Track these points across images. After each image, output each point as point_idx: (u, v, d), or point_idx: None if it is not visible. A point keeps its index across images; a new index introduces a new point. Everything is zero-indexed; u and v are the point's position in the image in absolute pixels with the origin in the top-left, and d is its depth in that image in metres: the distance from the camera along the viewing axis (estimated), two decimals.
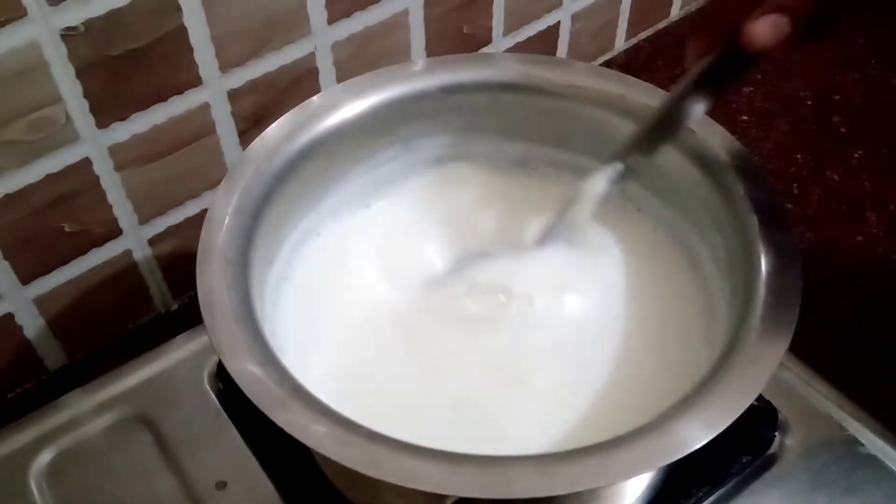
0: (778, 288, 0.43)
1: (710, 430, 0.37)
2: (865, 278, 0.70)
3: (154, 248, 0.66)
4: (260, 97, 0.64)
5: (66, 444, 0.57)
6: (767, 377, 0.39)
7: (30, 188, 0.56)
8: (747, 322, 0.41)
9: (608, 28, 0.89)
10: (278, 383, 0.39)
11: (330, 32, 0.65)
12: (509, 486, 0.36)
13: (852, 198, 0.76)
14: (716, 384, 0.39)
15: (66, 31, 0.52)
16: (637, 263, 0.54)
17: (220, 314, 0.42)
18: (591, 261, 0.54)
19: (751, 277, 0.43)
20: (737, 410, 0.38)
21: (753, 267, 0.43)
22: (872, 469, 0.54)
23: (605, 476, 0.36)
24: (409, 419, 0.44)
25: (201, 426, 0.57)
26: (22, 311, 0.62)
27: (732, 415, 0.38)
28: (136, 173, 0.61)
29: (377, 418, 0.39)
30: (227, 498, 0.54)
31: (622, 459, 0.37)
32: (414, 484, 0.36)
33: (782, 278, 0.43)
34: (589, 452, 0.37)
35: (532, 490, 0.36)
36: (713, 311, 0.49)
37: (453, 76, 0.56)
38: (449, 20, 0.73)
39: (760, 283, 0.43)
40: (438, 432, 0.40)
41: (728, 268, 0.47)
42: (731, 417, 0.38)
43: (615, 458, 0.37)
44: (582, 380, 0.48)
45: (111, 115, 0.57)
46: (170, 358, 0.61)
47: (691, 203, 0.52)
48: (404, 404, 0.47)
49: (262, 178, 0.49)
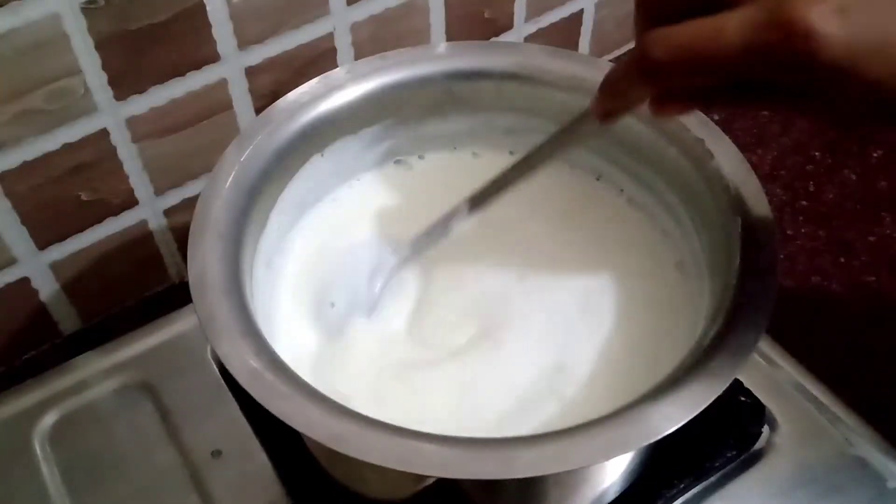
0: (755, 280, 0.43)
1: (671, 424, 0.38)
2: (874, 280, 0.70)
3: (169, 219, 0.67)
4: (277, 75, 0.65)
5: (70, 407, 0.59)
6: (731, 377, 0.39)
7: (48, 156, 0.58)
8: (721, 316, 0.42)
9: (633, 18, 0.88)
10: (256, 355, 0.40)
11: (349, 13, 0.66)
12: (467, 466, 0.37)
13: (868, 198, 0.76)
14: (685, 378, 0.40)
15: (86, 4, 0.53)
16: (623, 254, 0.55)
17: (210, 288, 0.43)
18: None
19: (729, 274, 0.44)
20: (701, 405, 0.38)
21: (731, 263, 0.44)
22: (858, 470, 0.54)
23: (563, 462, 0.37)
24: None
25: (201, 396, 0.59)
26: (38, 275, 0.63)
27: (696, 409, 0.38)
28: (152, 145, 0.62)
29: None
30: (221, 466, 0.55)
31: (582, 446, 0.37)
32: (368, 458, 0.37)
33: (759, 275, 0.43)
34: (550, 438, 0.38)
35: (489, 472, 0.37)
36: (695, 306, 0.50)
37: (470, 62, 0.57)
38: (470, 4, 0.73)
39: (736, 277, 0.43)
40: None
41: (709, 266, 0.48)
42: (694, 411, 0.38)
43: (575, 444, 0.38)
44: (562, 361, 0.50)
45: (129, 87, 0.59)
46: (175, 328, 0.62)
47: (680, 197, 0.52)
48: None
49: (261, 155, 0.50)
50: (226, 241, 0.45)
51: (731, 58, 0.35)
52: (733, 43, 0.35)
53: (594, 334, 0.51)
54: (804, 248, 0.72)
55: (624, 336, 0.51)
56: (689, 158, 0.51)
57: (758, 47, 0.35)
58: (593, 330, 0.51)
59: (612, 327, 0.51)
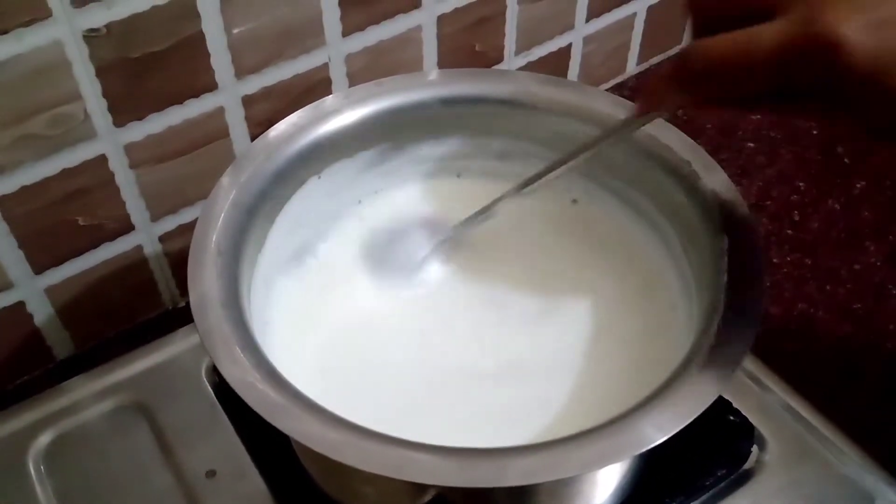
0: (742, 295, 0.44)
1: (662, 433, 0.39)
2: (860, 307, 0.71)
3: (165, 245, 0.68)
4: (274, 104, 0.66)
5: (66, 427, 0.59)
6: (720, 389, 0.40)
7: (47, 181, 0.59)
8: (708, 331, 0.43)
9: (620, 52, 0.91)
10: (254, 367, 0.41)
11: (344, 44, 0.67)
12: (461, 474, 0.37)
13: (852, 227, 0.77)
14: (675, 391, 0.40)
15: (88, 32, 0.54)
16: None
17: (209, 301, 0.44)
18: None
19: (716, 290, 0.45)
20: (691, 415, 0.39)
21: (719, 279, 0.45)
22: (847, 489, 0.55)
23: (557, 470, 0.38)
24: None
25: (196, 417, 0.59)
26: (33, 299, 0.64)
27: (686, 419, 0.39)
28: (150, 172, 0.63)
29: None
30: (215, 486, 0.55)
31: (575, 455, 0.38)
32: (365, 467, 0.38)
33: (746, 290, 0.44)
34: (543, 448, 0.39)
35: (483, 480, 0.37)
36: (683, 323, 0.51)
37: (454, 89, 0.58)
38: (461, 38, 0.75)
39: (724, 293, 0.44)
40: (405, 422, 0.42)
41: (697, 283, 0.49)
42: (685, 421, 0.39)
43: (569, 453, 0.38)
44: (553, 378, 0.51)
45: (128, 114, 0.60)
46: (170, 349, 0.63)
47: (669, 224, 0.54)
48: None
49: (260, 175, 0.51)
50: (225, 257, 0.46)
51: (764, 68, 0.37)
52: (767, 53, 0.37)
53: (581, 349, 0.52)
54: (791, 276, 0.73)
55: (611, 353, 0.52)
56: (676, 178, 0.52)
57: (790, 57, 0.37)
58: (580, 345, 0.52)
59: (599, 344, 0.52)
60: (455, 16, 0.72)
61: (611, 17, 0.85)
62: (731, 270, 0.45)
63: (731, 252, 0.46)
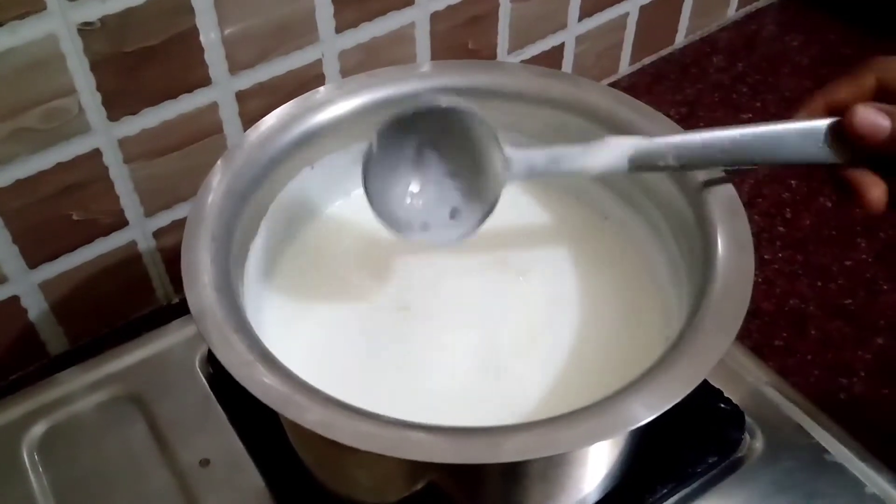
0: (730, 281, 0.45)
1: (651, 412, 0.39)
2: (850, 302, 0.71)
3: (158, 240, 0.68)
4: (267, 100, 0.67)
5: (60, 418, 0.59)
6: (706, 370, 0.41)
7: (41, 175, 0.59)
8: (697, 317, 0.43)
9: (612, 51, 0.91)
10: (248, 348, 0.41)
11: (337, 41, 0.68)
12: (456, 451, 0.38)
13: (843, 224, 0.78)
14: (660, 372, 0.41)
15: (82, 25, 0.55)
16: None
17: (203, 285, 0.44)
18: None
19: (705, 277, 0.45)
20: (676, 397, 0.39)
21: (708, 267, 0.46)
22: (837, 476, 0.55)
23: (549, 447, 0.38)
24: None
25: (190, 407, 0.59)
26: (27, 294, 0.64)
27: (674, 398, 0.39)
28: (144, 167, 0.63)
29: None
30: (209, 474, 0.56)
31: (567, 432, 0.39)
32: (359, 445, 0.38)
33: (734, 276, 0.45)
34: (535, 426, 0.39)
35: (478, 457, 0.38)
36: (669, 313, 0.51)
37: (456, 80, 0.58)
38: (455, 35, 0.75)
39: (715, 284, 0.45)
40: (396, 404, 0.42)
41: (687, 271, 0.49)
42: (673, 401, 0.39)
43: (560, 431, 0.39)
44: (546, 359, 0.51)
45: (122, 108, 0.60)
46: (164, 341, 0.63)
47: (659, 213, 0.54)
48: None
49: (254, 163, 0.51)
50: (218, 242, 0.46)
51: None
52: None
53: (571, 332, 0.52)
54: (782, 273, 0.74)
55: (601, 336, 0.52)
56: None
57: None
58: (571, 329, 0.52)
59: (589, 327, 0.52)
60: (448, 13, 0.73)
61: (603, 17, 0.86)
62: (721, 258, 0.46)
63: (720, 238, 0.47)
